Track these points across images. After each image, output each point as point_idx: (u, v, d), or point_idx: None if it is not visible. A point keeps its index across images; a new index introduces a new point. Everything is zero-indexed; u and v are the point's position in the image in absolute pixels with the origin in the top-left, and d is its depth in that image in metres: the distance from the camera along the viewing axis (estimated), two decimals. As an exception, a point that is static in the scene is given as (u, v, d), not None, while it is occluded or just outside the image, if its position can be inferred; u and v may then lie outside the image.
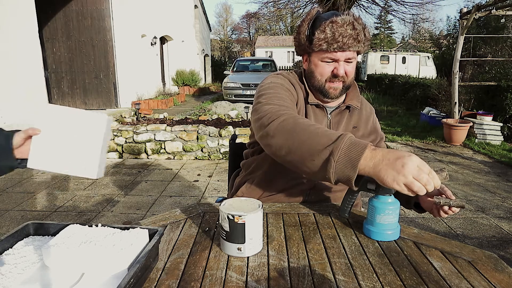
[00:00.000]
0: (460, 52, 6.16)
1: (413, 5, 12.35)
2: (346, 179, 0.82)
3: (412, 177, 0.76)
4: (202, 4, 19.58)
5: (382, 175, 0.78)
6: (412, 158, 0.77)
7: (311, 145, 0.87)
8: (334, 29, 1.10)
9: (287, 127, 0.94)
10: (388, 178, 0.77)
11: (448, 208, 1.02)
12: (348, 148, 0.81)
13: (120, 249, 0.70)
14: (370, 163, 0.79)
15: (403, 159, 0.77)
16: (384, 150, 0.81)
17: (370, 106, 1.38)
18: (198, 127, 5.02)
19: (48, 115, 0.88)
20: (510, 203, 3.52)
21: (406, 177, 0.76)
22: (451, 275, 0.78)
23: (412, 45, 32.06)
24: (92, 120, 0.87)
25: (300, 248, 0.89)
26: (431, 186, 0.77)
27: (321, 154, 0.84)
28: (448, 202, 0.98)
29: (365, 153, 0.80)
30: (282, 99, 1.12)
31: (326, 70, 1.18)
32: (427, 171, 0.77)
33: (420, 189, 0.76)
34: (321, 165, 0.84)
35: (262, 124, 1.01)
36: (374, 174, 0.79)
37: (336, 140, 0.83)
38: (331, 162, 0.81)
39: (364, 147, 0.81)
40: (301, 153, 0.88)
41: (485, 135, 5.98)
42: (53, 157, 0.88)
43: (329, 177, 0.83)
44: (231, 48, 46.76)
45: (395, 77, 12.59)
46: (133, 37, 9.75)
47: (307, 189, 1.26)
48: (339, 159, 0.81)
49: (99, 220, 3.04)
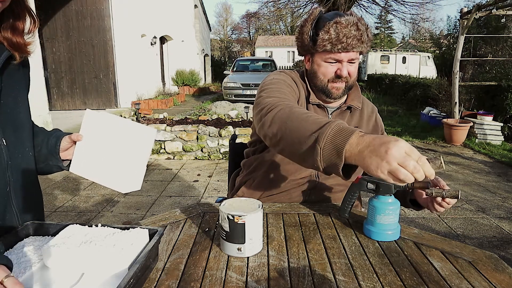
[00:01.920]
0: (460, 52, 6.16)
1: (413, 5, 12.34)
2: (333, 166, 0.76)
3: (397, 164, 0.68)
4: (202, 4, 19.58)
5: (366, 162, 0.71)
6: (399, 143, 0.69)
7: (300, 132, 0.84)
8: (339, 29, 1.10)
9: (282, 116, 0.93)
10: (372, 166, 0.70)
11: (442, 199, 0.98)
12: (335, 134, 0.76)
13: (121, 249, 0.70)
14: (356, 149, 0.73)
15: (388, 144, 0.69)
16: (372, 136, 0.73)
17: (372, 105, 1.38)
18: (198, 127, 5.02)
19: (95, 121, 0.87)
20: (510, 203, 3.52)
21: (390, 163, 0.68)
22: (451, 275, 0.78)
23: (412, 45, 32.07)
24: (140, 132, 0.84)
25: (300, 248, 0.89)
26: (420, 174, 0.68)
27: (308, 140, 0.80)
28: (441, 192, 0.95)
29: (351, 139, 0.74)
30: (283, 93, 1.12)
31: (329, 70, 1.18)
32: (416, 157, 0.69)
33: (407, 176, 0.68)
34: (309, 152, 0.80)
35: (262, 115, 1.01)
36: (360, 162, 0.73)
37: (323, 126, 0.79)
38: (317, 149, 0.77)
39: (350, 133, 0.74)
40: (292, 140, 0.87)
41: (486, 135, 5.98)
42: (96, 165, 0.86)
43: (317, 165, 0.79)
44: (231, 48, 46.75)
45: (395, 77, 12.60)
46: (133, 37, 9.75)
47: (307, 189, 1.26)
48: (325, 146, 0.76)
49: (98, 220, 3.04)
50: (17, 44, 0.86)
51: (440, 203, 1.00)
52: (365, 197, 1.07)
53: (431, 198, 1.03)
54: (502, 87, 6.14)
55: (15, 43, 0.86)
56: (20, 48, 0.87)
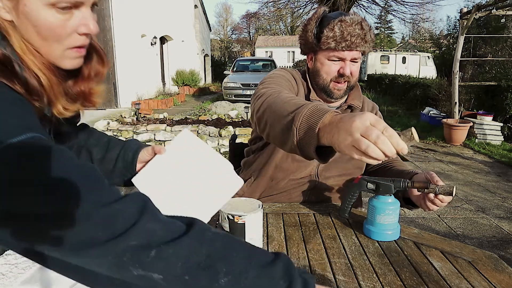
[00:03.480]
0: (460, 52, 6.16)
1: (413, 5, 12.37)
2: (307, 146, 0.73)
3: (360, 135, 0.62)
4: (202, 4, 19.59)
5: (334, 139, 0.66)
6: (365, 115, 0.64)
7: (280, 113, 0.84)
8: (343, 28, 1.11)
9: (270, 101, 0.96)
10: (339, 141, 0.65)
11: (434, 196, 0.93)
12: (310, 114, 0.73)
13: None
14: (328, 128, 0.69)
15: (354, 117, 0.64)
16: (346, 114, 0.70)
17: (373, 104, 1.38)
18: (198, 127, 5.02)
19: (188, 143, 0.79)
20: (510, 203, 3.52)
21: (353, 135, 0.62)
22: (451, 275, 0.78)
23: (412, 45, 32.06)
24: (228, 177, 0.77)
25: (300, 248, 0.89)
26: (387, 146, 0.60)
27: (285, 121, 0.79)
28: (434, 188, 0.89)
29: (325, 118, 0.70)
30: (279, 85, 1.14)
31: (332, 69, 1.18)
32: (382, 127, 0.62)
33: (369, 147, 0.60)
34: (286, 133, 0.78)
35: (254, 104, 1.04)
36: (330, 139, 0.68)
37: (300, 106, 0.77)
38: (293, 129, 0.75)
39: (324, 112, 0.71)
40: (273, 122, 0.87)
41: (485, 135, 5.98)
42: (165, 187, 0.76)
43: (294, 147, 0.76)
44: (231, 48, 46.76)
45: (395, 77, 12.59)
46: (133, 37, 9.75)
47: (307, 189, 1.26)
48: (300, 126, 0.73)
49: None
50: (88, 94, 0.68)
51: (433, 200, 0.95)
52: (365, 197, 1.07)
53: (424, 196, 0.99)
54: (502, 87, 6.14)
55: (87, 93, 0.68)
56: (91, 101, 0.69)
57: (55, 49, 0.58)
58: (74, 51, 0.61)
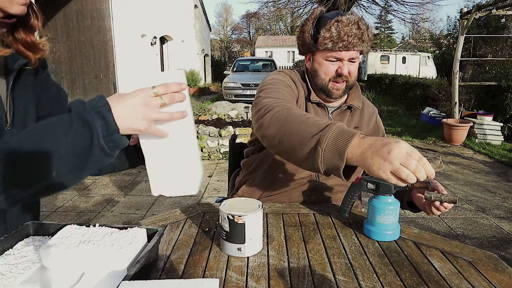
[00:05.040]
0: (460, 52, 6.16)
1: (413, 5, 12.38)
2: (334, 168, 0.78)
3: (399, 164, 0.70)
4: (202, 4, 19.58)
5: (368, 163, 0.73)
6: (400, 144, 0.71)
7: (300, 134, 0.85)
8: (340, 28, 1.11)
9: (280, 117, 0.94)
10: (374, 166, 0.72)
11: (440, 203, 1.00)
12: (336, 136, 0.78)
13: (119, 248, 0.69)
14: (358, 151, 0.75)
15: (390, 145, 0.71)
16: (373, 138, 0.76)
17: (373, 106, 1.38)
18: (198, 127, 5.02)
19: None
20: (510, 203, 3.52)
21: (392, 163, 0.70)
22: (451, 275, 0.78)
23: (412, 45, 32.06)
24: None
25: (300, 248, 0.89)
26: (422, 174, 0.70)
27: (309, 142, 0.82)
28: (439, 197, 0.96)
29: (353, 141, 0.76)
30: (281, 94, 1.13)
31: (330, 69, 1.18)
32: (417, 157, 0.71)
33: (409, 176, 0.70)
34: (309, 154, 0.81)
35: (259, 116, 1.01)
36: (361, 163, 0.75)
37: (324, 128, 0.80)
38: (319, 150, 0.78)
39: (352, 135, 0.77)
40: (291, 142, 0.87)
41: (486, 135, 5.98)
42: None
43: (318, 167, 0.80)
44: (231, 48, 46.75)
45: (395, 77, 12.59)
46: (133, 37, 9.74)
47: (307, 189, 1.26)
48: (326, 148, 0.78)
49: (99, 220, 3.04)
50: (32, 44, 0.78)
51: (438, 207, 1.02)
52: (365, 197, 1.07)
53: (429, 202, 1.04)
54: (502, 87, 6.14)
55: (30, 43, 0.77)
56: (36, 48, 0.79)
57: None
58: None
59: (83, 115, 0.59)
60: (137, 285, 0.58)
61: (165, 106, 0.66)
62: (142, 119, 0.64)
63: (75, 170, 0.61)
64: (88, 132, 0.59)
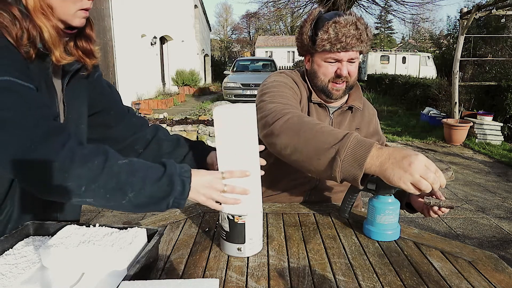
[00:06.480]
0: (460, 52, 6.16)
1: (413, 5, 12.36)
2: (352, 178, 0.82)
3: (419, 176, 0.76)
4: (202, 4, 19.57)
5: (388, 174, 0.79)
6: (419, 157, 0.78)
7: (317, 144, 0.87)
8: (337, 29, 1.10)
9: (292, 126, 0.94)
10: (395, 177, 0.78)
11: (438, 208, 1.05)
12: (355, 146, 0.82)
13: (119, 248, 0.70)
14: (377, 161, 0.80)
15: (410, 158, 0.77)
16: (390, 148, 0.82)
17: (373, 108, 1.38)
18: (198, 127, 5.02)
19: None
20: (510, 203, 3.52)
21: (413, 175, 0.76)
22: (451, 275, 0.78)
23: (412, 45, 32.06)
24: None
25: (300, 248, 0.89)
26: (438, 185, 0.78)
27: (327, 153, 0.84)
28: (438, 202, 1.01)
29: (372, 152, 0.80)
30: (285, 98, 1.12)
31: (329, 70, 1.17)
32: (434, 169, 0.78)
33: (427, 187, 0.77)
34: (327, 164, 0.84)
35: (267, 123, 1.00)
36: (380, 173, 0.80)
37: (342, 138, 0.84)
38: (337, 161, 0.82)
39: (370, 146, 0.81)
40: (307, 152, 0.89)
41: (485, 135, 5.98)
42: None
43: (335, 176, 0.83)
44: (231, 48, 46.74)
45: (395, 77, 12.59)
46: (133, 37, 9.74)
47: (308, 189, 1.26)
48: (345, 158, 0.81)
49: (99, 220, 3.04)
50: (90, 51, 0.85)
51: (436, 211, 1.07)
52: (365, 197, 1.07)
53: (427, 206, 1.07)
54: (502, 87, 6.14)
55: (88, 50, 0.84)
56: (93, 56, 0.86)
57: (70, 9, 0.75)
58: (83, 12, 0.77)
59: (172, 178, 0.73)
60: (137, 285, 0.58)
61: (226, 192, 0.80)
62: (203, 195, 0.78)
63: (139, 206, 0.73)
64: (168, 190, 0.73)
